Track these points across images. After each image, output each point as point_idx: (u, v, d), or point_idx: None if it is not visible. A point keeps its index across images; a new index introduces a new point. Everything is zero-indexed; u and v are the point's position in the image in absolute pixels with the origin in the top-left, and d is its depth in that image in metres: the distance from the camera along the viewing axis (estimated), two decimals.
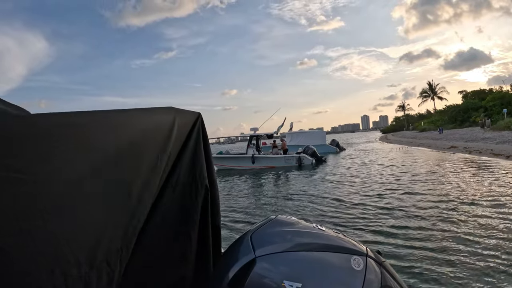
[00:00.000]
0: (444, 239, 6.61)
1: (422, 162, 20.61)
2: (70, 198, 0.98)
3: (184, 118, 1.52)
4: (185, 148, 1.51)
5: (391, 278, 1.36)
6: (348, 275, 1.29)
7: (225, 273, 1.33)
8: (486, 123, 40.47)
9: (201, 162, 1.55)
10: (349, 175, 17.70)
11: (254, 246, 1.36)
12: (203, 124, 1.63)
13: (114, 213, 1.14)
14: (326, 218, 9.27)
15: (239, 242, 1.48)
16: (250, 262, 1.30)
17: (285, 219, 1.54)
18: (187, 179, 1.49)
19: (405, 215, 8.65)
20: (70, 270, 0.96)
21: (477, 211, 8.41)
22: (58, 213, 0.94)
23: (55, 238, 0.93)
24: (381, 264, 1.37)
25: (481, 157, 19.64)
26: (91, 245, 1.04)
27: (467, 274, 5.06)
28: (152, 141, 1.33)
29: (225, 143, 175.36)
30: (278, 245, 1.35)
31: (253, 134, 28.30)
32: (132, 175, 1.23)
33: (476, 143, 26.78)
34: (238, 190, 16.41)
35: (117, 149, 1.17)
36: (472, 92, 71.61)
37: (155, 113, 1.41)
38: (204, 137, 1.62)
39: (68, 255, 0.96)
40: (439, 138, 38.84)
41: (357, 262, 1.31)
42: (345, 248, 1.37)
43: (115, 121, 1.22)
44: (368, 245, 1.48)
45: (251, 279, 1.26)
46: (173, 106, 1.48)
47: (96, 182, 1.07)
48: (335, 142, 41.71)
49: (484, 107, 49.54)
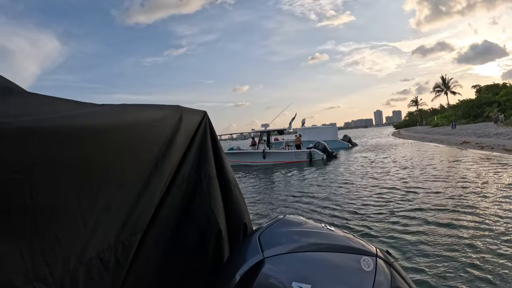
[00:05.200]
0: (454, 238, 6.52)
1: (432, 157, 20.44)
2: (71, 198, 0.97)
3: (190, 117, 1.52)
4: (191, 146, 1.50)
5: (401, 279, 1.33)
6: (358, 276, 1.27)
7: (233, 274, 1.31)
8: (499, 118, 39.89)
9: (208, 160, 1.54)
10: (360, 171, 17.59)
11: (262, 247, 1.34)
12: (210, 123, 1.62)
13: (118, 211, 1.13)
14: (335, 216, 9.23)
15: (246, 242, 1.46)
16: (258, 263, 1.28)
17: (294, 219, 1.52)
18: (193, 178, 1.48)
19: (412, 213, 8.54)
20: (70, 267, 0.95)
21: (488, 209, 8.26)
22: (57, 213, 0.93)
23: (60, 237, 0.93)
24: (391, 265, 1.34)
25: (493, 153, 19.34)
26: (92, 245, 1.03)
27: (480, 276, 4.95)
28: (157, 139, 1.32)
29: (238, 139, 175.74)
30: (287, 245, 1.33)
31: (264, 130, 28.34)
32: (137, 173, 1.22)
33: (488, 139, 26.39)
34: (248, 186, 16.40)
35: (122, 146, 1.16)
36: (486, 87, 70.85)
37: (162, 111, 1.41)
38: (213, 136, 1.61)
39: (72, 253, 0.96)
40: (452, 134, 38.39)
41: (367, 263, 1.29)
42: (354, 248, 1.35)
43: (121, 116, 1.21)
44: (377, 245, 1.45)
45: (259, 281, 1.25)
46: (180, 105, 1.47)
47: (99, 182, 1.06)
48: (347, 137, 41.47)
49: (498, 102, 48.77)
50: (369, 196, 11.13)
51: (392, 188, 12.09)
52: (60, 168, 0.93)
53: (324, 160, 25.58)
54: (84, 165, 1.01)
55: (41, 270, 0.87)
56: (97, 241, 1.05)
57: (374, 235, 7.10)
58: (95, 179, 1.04)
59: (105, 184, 1.08)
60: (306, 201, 11.48)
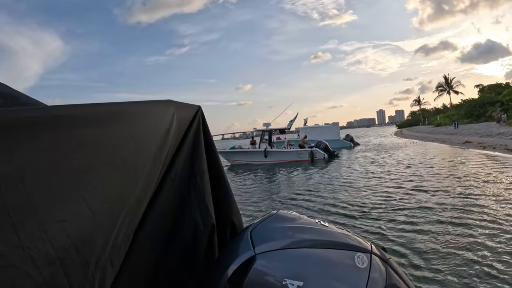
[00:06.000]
0: (451, 236, 6.51)
1: (433, 157, 20.44)
2: (66, 194, 0.95)
3: (184, 111, 1.50)
4: (184, 141, 1.49)
5: (397, 275, 1.32)
6: (352, 273, 1.25)
7: (224, 270, 1.30)
8: (502, 118, 39.78)
9: (201, 155, 1.53)
10: (361, 170, 17.58)
11: (253, 243, 1.32)
12: (204, 117, 1.61)
13: (111, 208, 1.11)
14: (331, 213, 9.24)
15: (238, 238, 1.45)
16: (249, 259, 1.27)
17: (287, 214, 1.49)
18: (186, 172, 1.47)
19: (411, 211, 8.55)
20: (70, 267, 0.93)
21: (486, 208, 8.23)
22: (52, 209, 0.91)
23: (50, 234, 0.91)
24: (386, 262, 1.33)
25: (495, 153, 19.32)
26: (88, 241, 1.01)
27: (476, 274, 4.93)
28: (150, 134, 1.30)
29: (240, 138, 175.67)
30: (279, 241, 1.31)
31: (265, 129, 28.37)
32: (131, 168, 1.20)
33: (490, 138, 26.33)
34: (248, 184, 16.44)
35: (115, 143, 1.14)
36: (489, 86, 70.77)
37: (154, 106, 1.39)
38: (205, 131, 1.60)
39: (64, 252, 0.94)
40: (454, 133, 38.35)
41: (361, 260, 1.27)
42: (348, 245, 1.33)
43: (113, 114, 1.20)
44: (373, 241, 1.43)
45: (250, 277, 1.23)
46: (172, 99, 1.45)
47: (93, 177, 1.04)
48: (349, 137, 41.40)
49: (501, 101, 48.61)
50: (370, 195, 11.09)
51: (393, 187, 12.07)
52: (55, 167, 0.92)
53: (325, 159, 25.57)
54: (81, 160, 1.00)
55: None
56: (100, 240, 1.04)
57: (373, 232, 7.09)
58: (87, 176, 1.02)
59: (97, 180, 1.06)
60: (306, 199, 11.48)
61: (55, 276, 0.87)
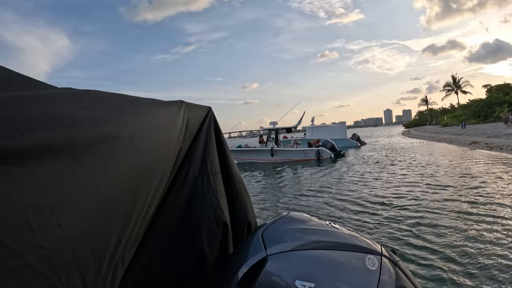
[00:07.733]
0: (459, 239, 6.48)
1: (440, 157, 20.37)
2: (86, 193, 0.96)
3: (194, 112, 1.50)
4: (196, 142, 1.49)
5: (406, 278, 1.31)
6: (362, 275, 1.25)
7: (235, 272, 1.30)
8: (509, 118, 39.50)
9: (213, 156, 1.53)
10: (367, 170, 17.55)
11: (265, 244, 1.33)
12: (215, 118, 1.61)
13: (126, 207, 1.12)
14: (340, 214, 9.22)
15: (249, 239, 1.45)
16: (261, 260, 1.27)
17: (298, 216, 1.50)
18: (198, 173, 1.47)
19: (418, 214, 8.50)
20: (85, 267, 0.94)
21: (494, 210, 8.20)
22: (71, 208, 0.92)
23: (67, 234, 0.91)
24: (396, 264, 1.32)
25: (502, 154, 19.20)
26: (103, 240, 1.01)
27: (486, 277, 4.90)
28: (163, 135, 1.31)
29: (247, 137, 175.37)
30: (290, 243, 1.31)
31: (272, 128, 28.35)
32: (144, 168, 1.21)
33: (498, 139, 26.22)
34: (255, 183, 16.46)
35: (126, 141, 1.14)
36: (497, 86, 70.23)
37: (166, 106, 1.39)
38: (217, 131, 1.60)
39: (81, 252, 0.95)
40: (461, 134, 38.17)
41: (371, 262, 1.27)
42: (359, 246, 1.33)
43: (126, 114, 1.20)
44: (383, 243, 1.44)
45: (261, 278, 1.23)
46: (183, 100, 1.46)
47: (104, 175, 1.05)
48: (355, 136, 41.35)
49: (509, 102, 48.29)
50: (377, 196, 11.08)
51: (401, 187, 12.06)
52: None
53: (332, 158, 25.56)
54: (92, 159, 1.00)
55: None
56: (112, 240, 1.04)
57: (378, 234, 7.07)
58: (104, 176, 1.03)
59: (114, 179, 1.07)
60: (312, 199, 11.51)
61: (71, 276, 0.86)
